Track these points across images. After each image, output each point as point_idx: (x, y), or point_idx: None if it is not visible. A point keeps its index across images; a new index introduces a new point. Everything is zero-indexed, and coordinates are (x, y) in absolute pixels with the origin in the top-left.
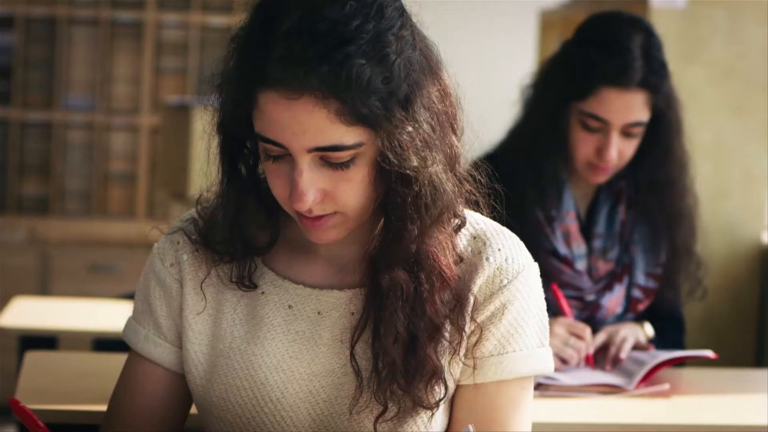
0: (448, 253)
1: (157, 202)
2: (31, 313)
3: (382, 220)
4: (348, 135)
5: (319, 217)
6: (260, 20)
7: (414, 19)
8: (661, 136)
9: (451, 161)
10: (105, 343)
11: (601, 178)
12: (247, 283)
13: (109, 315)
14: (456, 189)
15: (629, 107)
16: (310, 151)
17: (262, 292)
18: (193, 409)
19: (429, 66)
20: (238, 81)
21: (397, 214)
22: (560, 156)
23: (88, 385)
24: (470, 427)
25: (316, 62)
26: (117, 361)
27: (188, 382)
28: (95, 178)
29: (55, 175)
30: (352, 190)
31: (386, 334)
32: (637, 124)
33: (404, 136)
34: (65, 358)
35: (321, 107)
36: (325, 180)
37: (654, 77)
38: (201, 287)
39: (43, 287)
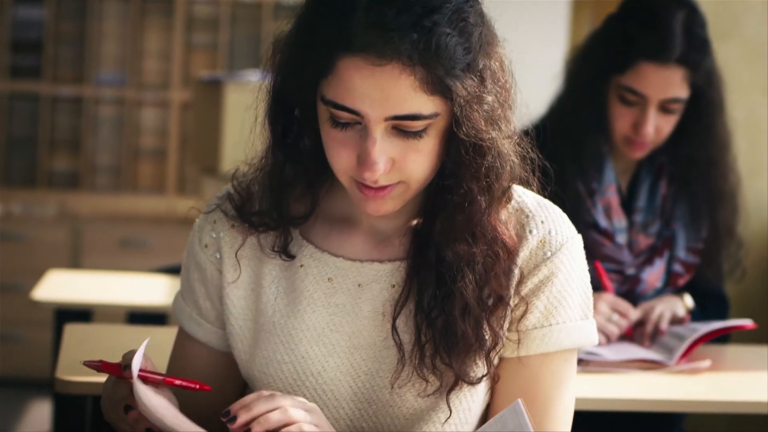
0: (510, 225)
1: (187, 178)
2: (65, 286)
3: (432, 194)
4: (427, 104)
5: (383, 188)
6: None
7: None
8: (701, 114)
9: (513, 135)
10: (139, 316)
11: (639, 154)
12: (287, 254)
13: (142, 289)
14: (518, 163)
15: (667, 83)
16: (386, 119)
17: (301, 265)
18: None
19: (494, 40)
20: (315, 46)
21: (467, 186)
22: (600, 130)
23: None
24: (519, 402)
25: (406, 29)
26: (153, 334)
27: (235, 358)
28: (125, 154)
29: (85, 150)
30: (421, 160)
31: (435, 307)
32: (674, 100)
33: (480, 108)
34: (103, 330)
35: (407, 75)
36: (396, 149)
37: (694, 54)
38: (236, 256)
39: (74, 262)
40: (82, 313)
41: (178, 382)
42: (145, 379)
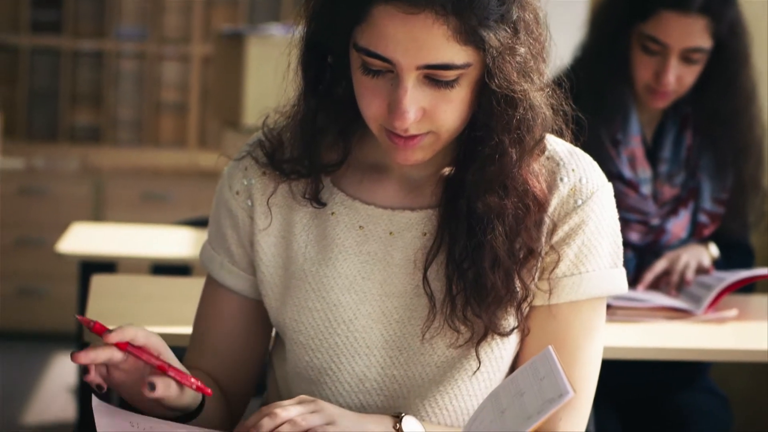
0: (541, 178)
1: (208, 132)
2: (89, 239)
3: (463, 144)
4: (460, 54)
5: (413, 137)
6: None
7: None
8: (726, 65)
9: (545, 88)
10: (162, 268)
11: (661, 103)
12: (318, 202)
13: (165, 241)
14: (550, 115)
15: (688, 32)
16: (418, 68)
17: (332, 213)
18: None
19: None
20: None
21: (498, 137)
22: (623, 79)
23: (153, 307)
24: (550, 348)
25: None
26: (178, 285)
27: (266, 305)
28: (146, 108)
29: (106, 104)
30: (452, 110)
31: (466, 259)
32: (696, 50)
33: (512, 59)
34: (129, 281)
35: (440, 24)
36: (427, 99)
37: (717, 4)
38: (267, 203)
39: (97, 216)
40: (106, 266)
41: (172, 373)
42: (136, 356)
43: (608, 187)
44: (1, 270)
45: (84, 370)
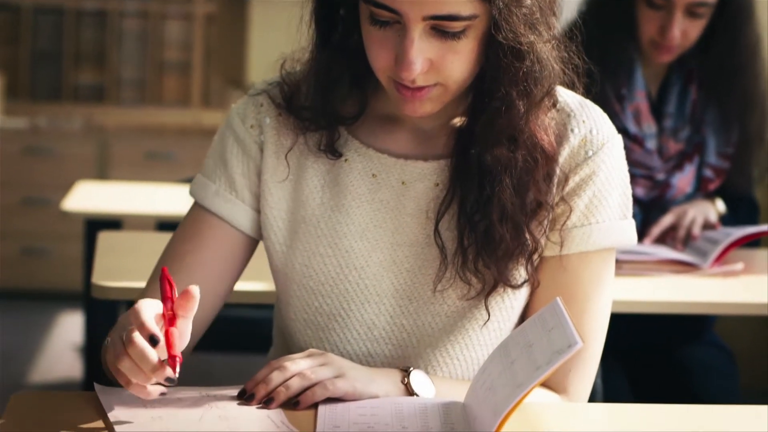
0: (550, 131)
1: (212, 91)
2: (95, 197)
3: (471, 96)
4: (466, 6)
5: (420, 89)
6: None
7: None
8: (730, 18)
9: (554, 41)
10: (168, 225)
11: (666, 58)
12: (333, 152)
13: (170, 198)
14: (559, 68)
15: None
16: (425, 19)
17: (346, 160)
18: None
19: None
20: None
21: (505, 90)
22: (628, 35)
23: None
24: (558, 300)
25: None
26: None
27: (267, 248)
28: (150, 67)
29: (110, 64)
30: (459, 62)
31: (477, 211)
32: (701, 4)
33: (519, 11)
34: (136, 237)
35: None
36: (434, 50)
37: None
38: (279, 145)
39: (101, 175)
40: (111, 223)
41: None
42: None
43: (618, 139)
44: (7, 230)
45: (91, 324)
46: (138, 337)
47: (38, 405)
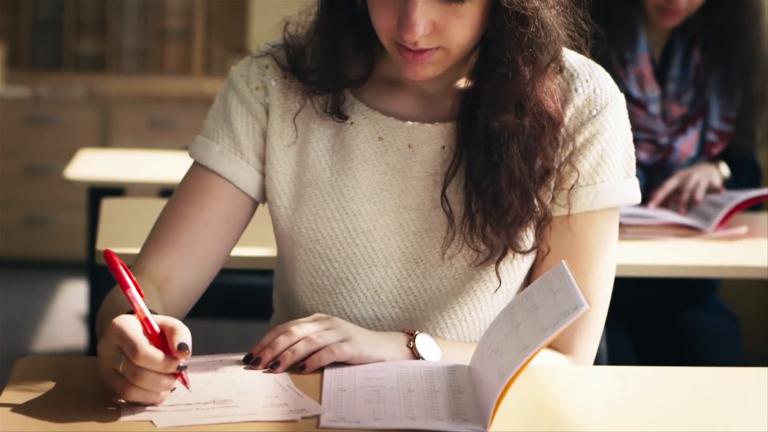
0: (556, 97)
1: (213, 58)
2: (97, 165)
3: (476, 59)
4: None
5: (422, 51)
6: None
7: None
8: None
9: (559, 6)
10: (170, 193)
11: (672, 22)
12: (339, 115)
13: (173, 166)
14: (564, 34)
15: None
16: None
17: (352, 123)
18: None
19: None
20: None
21: (511, 56)
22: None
23: None
24: (564, 263)
25: None
26: None
27: (272, 212)
28: (151, 35)
29: (111, 32)
30: (462, 26)
31: (485, 177)
32: None
33: None
34: (139, 204)
35: None
36: (437, 13)
37: None
38: (284, 107)
39: (103, 143)
40: (114, 191)
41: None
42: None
43: (621, 98)
44: (10, 199)
45: (95, 291)
46: (145, 374)
47: (43, 370)
